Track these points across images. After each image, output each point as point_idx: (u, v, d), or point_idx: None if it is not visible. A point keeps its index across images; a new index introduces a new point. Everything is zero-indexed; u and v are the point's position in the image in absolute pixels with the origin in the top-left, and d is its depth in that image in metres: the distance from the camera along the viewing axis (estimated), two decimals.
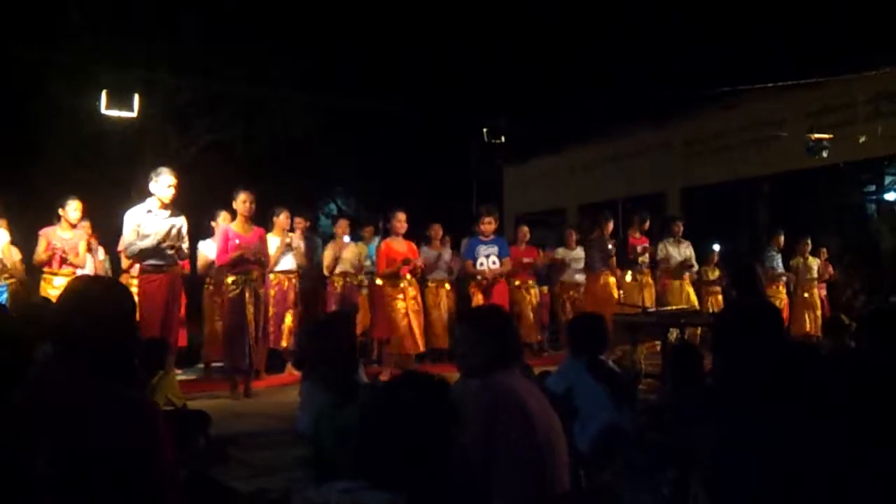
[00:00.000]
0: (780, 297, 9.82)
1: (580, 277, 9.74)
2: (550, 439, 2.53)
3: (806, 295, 10.19)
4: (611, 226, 9.43)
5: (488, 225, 7.85)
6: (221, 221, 7.74)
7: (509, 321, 2.83)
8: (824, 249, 10.89)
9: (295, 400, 5.13)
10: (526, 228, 9.71)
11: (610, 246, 9.09)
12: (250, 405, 6.18)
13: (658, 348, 7.35)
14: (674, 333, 6.84)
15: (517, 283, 9.33)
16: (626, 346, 6.97)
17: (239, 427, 5.15)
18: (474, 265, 7.88)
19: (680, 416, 3.04)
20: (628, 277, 9.11)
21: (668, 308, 7.57)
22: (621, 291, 9.01)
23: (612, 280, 9.03)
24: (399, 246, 7.65)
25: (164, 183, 6.18)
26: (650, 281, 9.18)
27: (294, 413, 4.98)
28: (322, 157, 18.61)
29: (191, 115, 15.56)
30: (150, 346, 5.13)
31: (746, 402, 1.85)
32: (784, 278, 9.99)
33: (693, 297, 9.13)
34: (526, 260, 9.41)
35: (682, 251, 9.28)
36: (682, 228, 9.44)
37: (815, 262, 10.34)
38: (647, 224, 9.60)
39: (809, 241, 10.34)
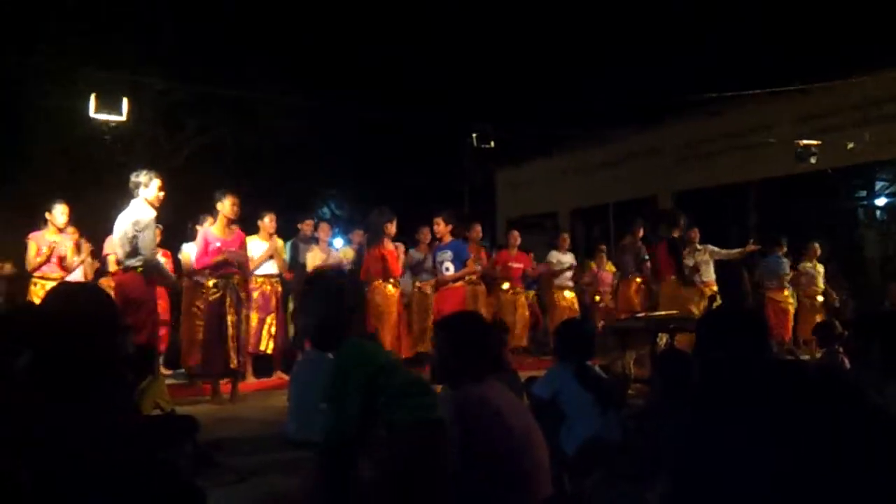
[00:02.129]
0: (790, 302, 9.81)
1: (568, 281, 9.83)
2: (526, 444, 2.54)
3: (813, 300, 10.16)
4: (642, 230, 9.42)
5: (437, 226, 7.63)
6: (207, 226, 7.74)
7: (487, 330, 2.82)
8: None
9: (282, 404, 5.13)
10: (516, 233, 9.73)
11: (643, 251, 9.13)
12: (237, 410, 6.16)
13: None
14: (663, 338, 6.85)
15: (504, 287, 9.36)
16: (616, 351, 6.99)
17: (225, 432, 5.13)
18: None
19: (664, 422, 3.06)
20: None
21: (659, 313, 7.59)
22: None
23: (644, 286, 9.10)
24: (378, 252, 7.63)
25: (154, 186, 6.14)
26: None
27: (281, 418, 4.99)
28: (314, 160, 18.62)
29: (181, 117, 15.53)
30: (141, 352, 5.12)
31: (710, 406, 1.87)
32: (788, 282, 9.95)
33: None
34: (515, 265, 9.43)
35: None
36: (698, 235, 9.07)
37: (821, 268, 10.25)
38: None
39: (818, 246, 10.15)
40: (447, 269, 7.55)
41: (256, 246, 7.62)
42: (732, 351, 2.29)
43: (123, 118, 8.28)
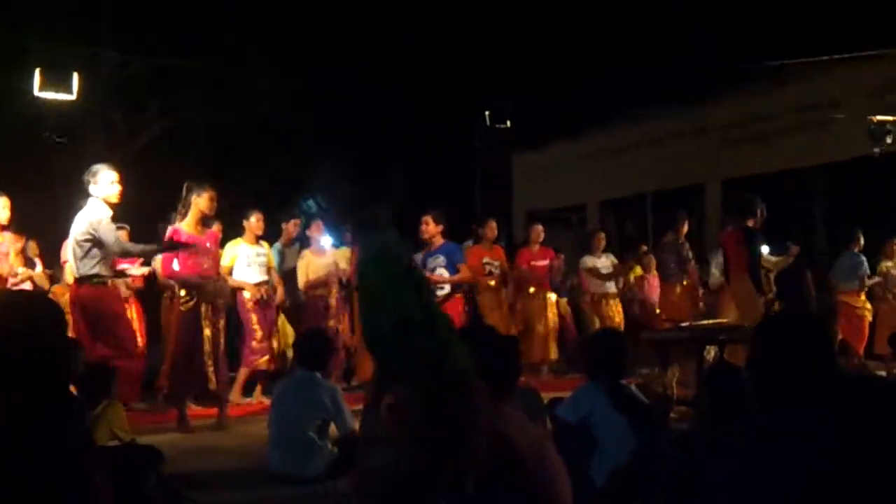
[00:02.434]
0: (868, 308, 9.75)
1: (611, 287, 9.84)
2: (547, 483, 2.54)
3: (893, 306, 10.00)
4: (686, 227, 9.46)
5: (425, 227, 7.59)
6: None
7: (502, 346, 2.84)
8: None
9: (262, 433, 5.17)
10: (540, 227, 9.77)
11: (687, 250, 9.16)
12: (210, 439, 6.20)
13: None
14: (711, 352, 6.86)
15: (532, 290, 9.43)
16: (655, 367, 7.00)
17: (196, 465, 5.17)
18: None
19: (713, 450, 3.06)
20: None
21: (705, 322, 7.59)
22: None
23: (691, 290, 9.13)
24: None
25: (105, 181, 6.20)
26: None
27: (263, 448, 5.03)
28: (299, 145, 18.67)
29: (141, 96, 15.60)
30: (94, 371, 5.15)
31: (779, 428, 1.89)
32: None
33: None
34: (540, 263, 9.44)
35: None
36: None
37: None
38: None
39: None
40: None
41: (243, 251, 7.72)
42: (793, 366, 2.30)
43: (74, 96, 8.34)
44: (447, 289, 7.54)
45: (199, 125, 16.22)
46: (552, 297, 9.83)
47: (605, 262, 9.97)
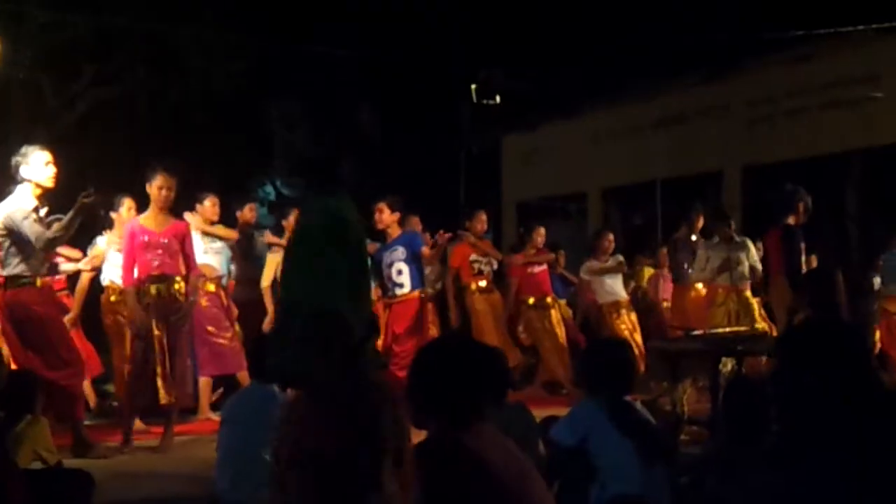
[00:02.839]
0: None
1: (622, 293, 9.80)
2: None
3: None
4: (701, 220, 9.50)
5: (379, 215, 7.60)
6: (125, 212, 7.76)
7: (489, 356, 2.83)
8: None
9: (209, 456, 5.14)
10: (542, 230, 9.72)
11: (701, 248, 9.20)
12: (150, 462, 6.17)
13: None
14: (728, 364, 6.89)
15: (530, 302, 9.45)
16: (664, 381, 7.02)
17: (133, 491, 5.15)
18: (385, 287, 7.81)
19: (728, 478, 3.07)
20: None
21: (722, 330, 7.62)
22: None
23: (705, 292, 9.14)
24: None
25: (37, 162, 6.16)
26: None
27: (208, 473, 5.00)
28: (257, 121, 18.57)
29: (75, 61, 15.47)
30: (15, 383, 5.12)
31: (807, 453, 1.89)
32: None
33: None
34: (538, 269, 9.47)
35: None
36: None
37: None
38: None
39: None
40: (399, 273, 7.55)
41: (196, 239, 7.61)
42: (823, 382, 2.30)
43: None
44: (406, 287, 7.54)
45: (139, 96, 16.12)
46: (556, 306, 9.70)
47: (613, 264, 9.93)
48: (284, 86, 17.79)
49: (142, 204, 7.28)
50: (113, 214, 7.96)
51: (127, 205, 7.84)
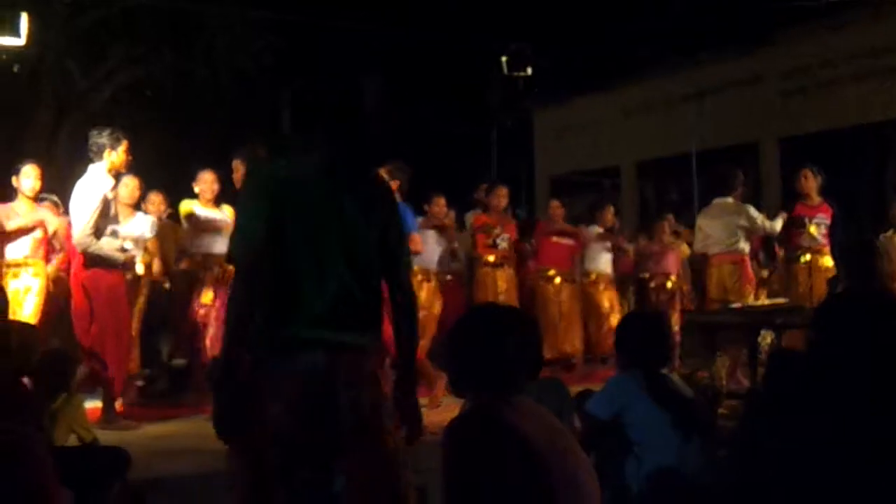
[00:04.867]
0: None
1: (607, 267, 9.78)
2: (570, 479, 2.55)
3: None
4: (741, 188, 9.26)
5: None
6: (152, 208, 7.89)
7: (528, 328, 2.82)
8: None
9: None
10: (556, 203, 9.67)
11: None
12: (186, 439, 6.23)
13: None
14: (768, 337, 6.86)
15: (551, 273, 9.39)
16: (704, 355, 7.00)
17: (169, 467, 5.19)
18: None
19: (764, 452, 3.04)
20: None
21: (760, 303, 7.57)
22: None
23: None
24: None
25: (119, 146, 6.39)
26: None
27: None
28: (280, 103, 18.56)
29: (102, 43, 15.53)
30: (49, 360, 5.17)
31: (839, 425, 1.87)
32: None
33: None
34: (563, 241, 9.40)
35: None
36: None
37: None
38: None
39: None
40: None
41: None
42: (859, 353, 2.28)
43: (23, 42, 8.29)
44: None
45: (166, 76, 16.17)
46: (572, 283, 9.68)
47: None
48: (311, 64, 17.77)
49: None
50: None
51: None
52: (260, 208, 2.73)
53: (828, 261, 7.99)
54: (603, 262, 9.72)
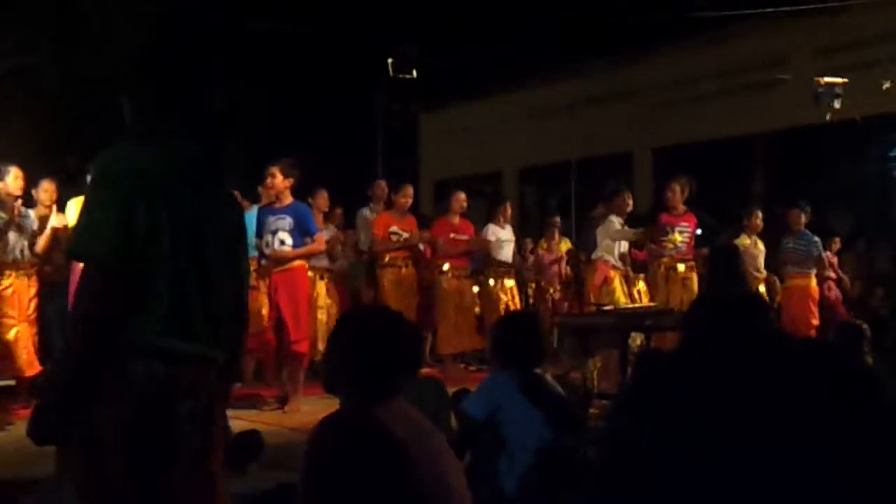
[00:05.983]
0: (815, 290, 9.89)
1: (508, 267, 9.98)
2: (438, 496, 2.57)
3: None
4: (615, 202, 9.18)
5: (271, 180, 7.28)
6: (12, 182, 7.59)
7: (405, 330, 2.82)
8: (837, 239, 11.28)
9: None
10: (462, 195, 9.75)
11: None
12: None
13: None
14: (637, 339, 7.01)
15: (445, 268, 9.42)
16: (577, 357, 7.10)
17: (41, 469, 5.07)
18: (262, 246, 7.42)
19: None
20: None
21: (630, 306, 7.74)
22: None
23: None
24: None
25: None
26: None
27: None
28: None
29: None
30: None
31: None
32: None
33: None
34: (462, 237, 9.49)
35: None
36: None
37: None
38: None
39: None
40: (282, 243, 7.22)
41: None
42: (725, 342, 2.38)
43: None
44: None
45: (47, 68, 15.61)
46: (470, 280, 9.79)
47: (508, 235, 10.03)
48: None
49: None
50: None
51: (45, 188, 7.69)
52: (117, 203, 2.52)
53: (682, 267, 8.48)
54: (503, 258, 9.90)
